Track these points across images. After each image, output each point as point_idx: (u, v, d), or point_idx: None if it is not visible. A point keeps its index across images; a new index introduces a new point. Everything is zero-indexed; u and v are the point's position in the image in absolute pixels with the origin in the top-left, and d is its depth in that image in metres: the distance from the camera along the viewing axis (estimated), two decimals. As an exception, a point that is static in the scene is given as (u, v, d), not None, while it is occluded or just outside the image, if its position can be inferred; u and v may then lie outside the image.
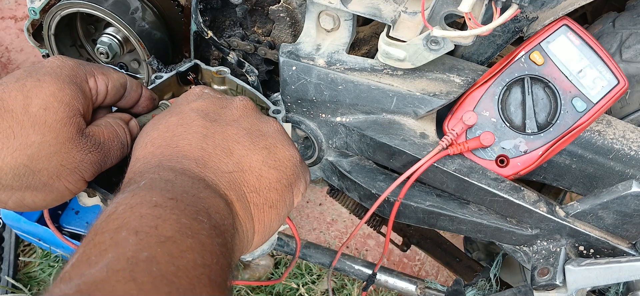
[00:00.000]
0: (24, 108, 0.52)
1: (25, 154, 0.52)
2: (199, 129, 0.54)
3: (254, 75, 0.89)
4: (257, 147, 0.55)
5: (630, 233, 0.71)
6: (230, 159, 0.53)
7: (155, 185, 0.46)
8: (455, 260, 1.21)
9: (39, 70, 0.56)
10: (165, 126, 0.55)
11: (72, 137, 0.55)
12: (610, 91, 0.72)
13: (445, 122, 0.77)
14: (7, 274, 1.65)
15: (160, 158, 0.51)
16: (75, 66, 0.58)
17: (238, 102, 0.61)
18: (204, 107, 0.58)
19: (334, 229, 1.86)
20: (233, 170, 0.52)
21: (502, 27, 0.76)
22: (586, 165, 0.78)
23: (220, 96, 0.62)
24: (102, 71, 0.61)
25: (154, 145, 0.53)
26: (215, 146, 0.53)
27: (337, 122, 0.82)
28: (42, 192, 0.54)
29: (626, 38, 0.81)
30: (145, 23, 0.92)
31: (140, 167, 0.51)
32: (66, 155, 0.54)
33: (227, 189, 0.51)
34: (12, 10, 2.43)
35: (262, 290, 1.68)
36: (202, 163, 0.51)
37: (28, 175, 0.53)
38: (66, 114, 0.54)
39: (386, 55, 0.75)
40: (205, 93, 0.62)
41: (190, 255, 0.40)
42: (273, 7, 0.87)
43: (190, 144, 0.52)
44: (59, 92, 0.54)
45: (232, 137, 0.55)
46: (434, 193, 0.81)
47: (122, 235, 0.39)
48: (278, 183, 0.55)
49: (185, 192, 0.46)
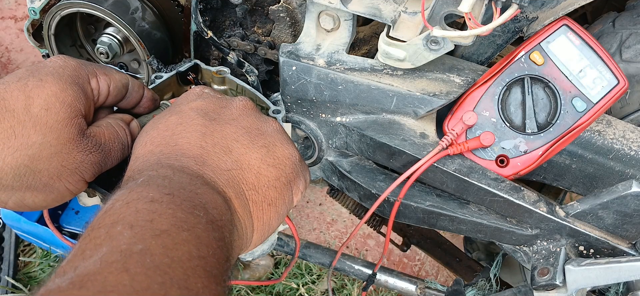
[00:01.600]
0: (25, 108, 0.52)
1: (26, 154, 0.52)
2: (199, 128, 0.54)
3: (253, 75, 0.89)
4: (256, 145, 0.55)
5: (630, 233, 0.71)
6: (229, 157, 0.53)
7: (152, 182, 0.46)
8: (455, 260, 1.21)
9: (41, 70, 0.56)
10: (165, 125, 0.55)
11: (73, 138, 0.55)
12: (610, 91, 0.72)
13: (445, 122, 0.77)
14: (7, 274, 1.65)
15: (159, 156, 0.51)
16: (77, 66, 0.58)
17: (238, 101, 0.61)
18: (204, 106, 0.58)
19: (334, 229, 1.86)
20: (232, 167, 0.53)
21: (502, 27, 0.76)
22: (586, 165, 0.78)
23: (220, 96, 0.62)
24: (105, 71, 0.62)
25: (154, 143, 0.54)
26: (214, 144, 0.53)
27: (337, 122, 0.82)
28: (43, 192, 0.54)
29: (626, 38, 0.81)
30: (145, 23, 0.92)
31: (139, 165, 0.51)
32: (67, 156, 0.54)
33: (225, 187, 0.51)
34: (12, 10, 2.43)
35: (262, 290, 1.68)
36: (201, 161, 0.51)
37: (29, 176, 0.53)
38: (67, 115, 0.54)
39: (386, 55, 0.75)
40: (205, 93, 0.62)
41: (185, 247, 0.40)
42: (273, 7, 0.87)
43: (190, 142, 0.53)
44: (60, 92, 0.54)
45: (231, 136, 0.55)
46: (434, 193, 0.81)
47: (117, 229, 0.39)
48: (277, 181, 0.55)
49: (183, 188, 0.46)
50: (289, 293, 1.69)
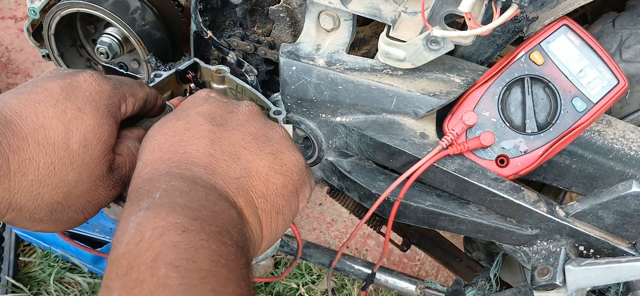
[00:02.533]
0: (64, 142, 0.51)
1: (62, 192, 0.52)
2: (206, 134, 0.54)
3: (253, 74, 0.89)
4: (263, 152, 0.55)
5: (630, 233, 0.71)
6: (237, 165, 0.53)
7: (172, 200, 0.45)
8: (455, 260, 1.21)
9: (77, 95, 0.54)
10: (172, 130, 0.55)
11: (103, 176, 0.55)
12: (610, 91, 0.72)
13: (445, 122, 0.77)
14: (7, 274, 1.65)
15: (169, 165, 0.51)
16: (111, 93, 0.57)
17: (244, 106, 0.60)
18: (211, 111, 0.57)
19: (334, 229, 1.86)
20: (241, 175, 0.52)
21: (502, 27, 0.76)
22: (586, 165, 0.78)
23: (226, 100, 0.61)
24: (132, 92, 0.61)
25: (162, 150, 0.53)
26: (222, 151, 0.53)
27: (337, 122, 0.82)
28: (65, 224, 0.55)
29: (626, 38, 0.81)
30: (145, 23, 0.92)
31: (148, 173, 0.50)
32: (94, 193, 0.55)
33: (236, 196, 0.51)
34: (12, 10, 2.43)
35: (262, 289, 1.68)
36: (211, 170, 0.51)
37: (59, 211, 0.53)
38: (102, 152, 0.54)
39: (386, 55, 0.75)
40: (211, 97, 0.61)
41: (229, 287, 0.40)
42: (273, 7, 0.87)
43: (198, 150, 0.52)
44: (98, 128, 0.53)
45: (239, 142, 0.55)
46: (434, 193, 0.81)
47: (162, 270, 0.39)
48: (284, 188, 0.55)
49: (203, 207, 0.45)
50: (289, 293, 1.69)
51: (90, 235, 1.63)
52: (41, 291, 1.68)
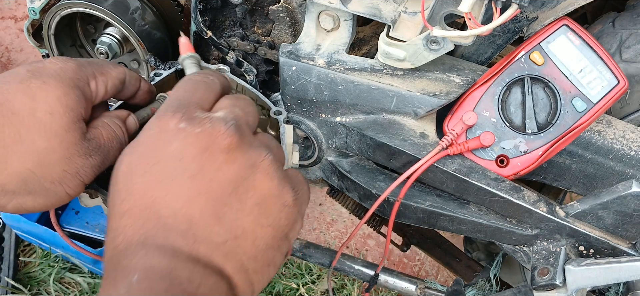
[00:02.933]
0: (30, 112, 0.52)
1: (32, 160, 0.52)
2: (179, 190, 0.47)
3: (252, 74, 0.89)
4: (247, 205, 0.49)
5: (630, 233, 0.71)
6: (220, 227, 0.47)
7: (152, 286, 0.42)
8: (455, 260, 1.21)
9: (42, 72, 0.55)
10: (142, 186, 0.48)
11: (75, 142, 0.54)
12: (610, 91, 0.72)
13: (445, 122, 0.77)
14: (7, 274, 1.65)
15: (144, 234, 0.46)
16: (77, 68, 0.57)
17: (221, 139, 0.50)
18: (183, 153, 0.49)
19: (334, 229, 1.86)
20: (227, 238, 0.47)
21: (502, 27, 0.76)
22: (586, 165, 0.78)
23: (199, 129, 0.50)
24: (102, 71, 0.61)
25: (132, 214, 0.47)
26: (201, 212, 0.47)
27: (337, 122, 0.82)
28: (43, 196, 0.54)
29: (626, 38, 0.81)
30: (145, 23, 0.92)
31: (122, 242, 0.46)
32: (69, 161, 0.54)
33: (223, 263, 0.47)
34: (12, 10, 2.43)
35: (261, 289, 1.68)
36: (191, 237, 0.46)
37: (32, 181, 0.52)
38: (71, 119, 0.54)
39: (386, 55, 0.75)
40: (181, 130, 0.50)
41: None
42: (273, 7, 0.87)
43: (174, 213, 0.46)
44: (64, 96, 0.54)
45: (218, 198, 0.48)
46: (434, 193, 0.81)
47: None
48: (274, 240, 0.50)
49: (186, 291, 0.42)
50: (289, 293, 1.69)
51: (90, 235, 1.64)
52: (41, 292, 1.68)
